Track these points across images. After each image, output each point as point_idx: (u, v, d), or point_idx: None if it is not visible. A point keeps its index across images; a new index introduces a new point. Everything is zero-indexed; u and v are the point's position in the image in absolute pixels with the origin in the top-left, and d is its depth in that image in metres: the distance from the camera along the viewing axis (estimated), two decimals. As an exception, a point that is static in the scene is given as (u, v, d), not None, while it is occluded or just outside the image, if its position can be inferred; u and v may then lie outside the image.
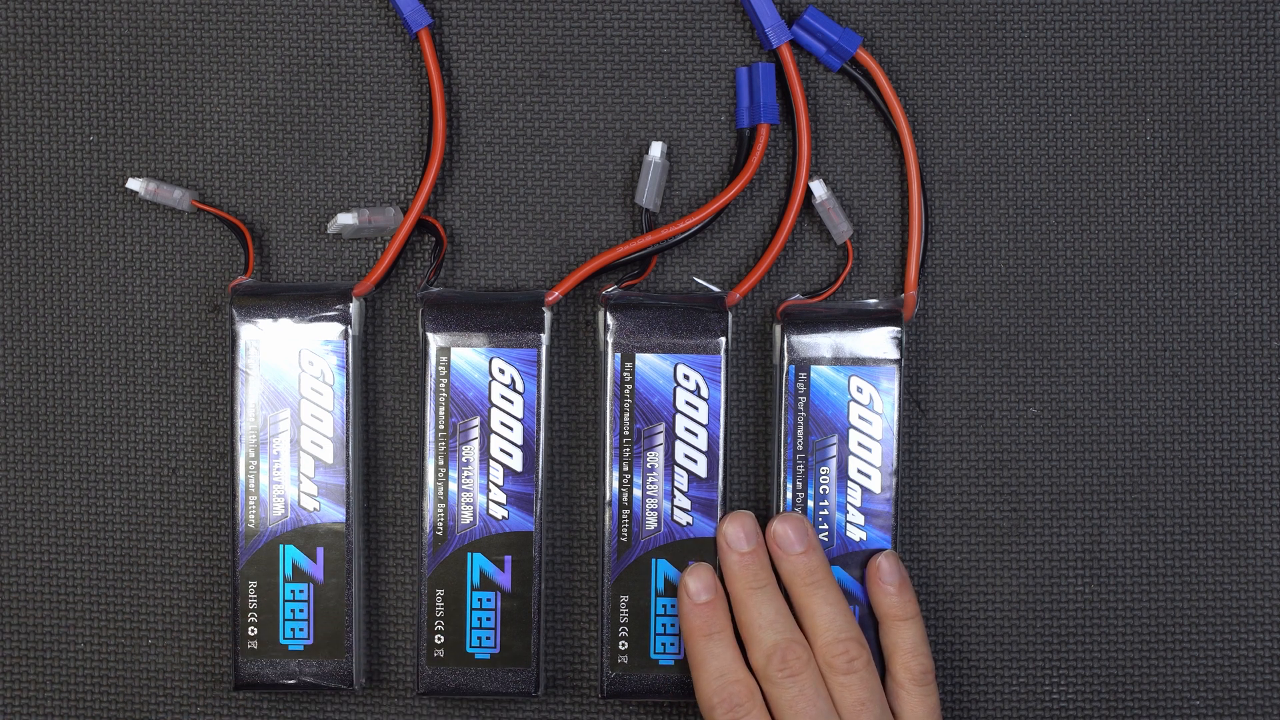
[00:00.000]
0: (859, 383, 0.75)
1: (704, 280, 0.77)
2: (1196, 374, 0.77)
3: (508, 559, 0.75)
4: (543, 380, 0.75)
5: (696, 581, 0.73)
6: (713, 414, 0.74)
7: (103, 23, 0.77)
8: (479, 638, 0.75)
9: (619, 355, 0.74)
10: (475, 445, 0.75)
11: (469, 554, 0.75)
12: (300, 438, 0.74)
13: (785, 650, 0.71)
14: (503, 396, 0.74)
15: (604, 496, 0.74)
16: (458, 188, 0.77)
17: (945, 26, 0.77)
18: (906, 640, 0.73)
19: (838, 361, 0.75)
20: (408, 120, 0.77)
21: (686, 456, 0.74)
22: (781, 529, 0.73)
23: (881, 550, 0.74)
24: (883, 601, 0.74)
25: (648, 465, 0.74)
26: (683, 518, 0.74)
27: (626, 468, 0.74)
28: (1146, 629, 0.77)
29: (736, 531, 0.73)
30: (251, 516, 0.74)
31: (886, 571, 0.74)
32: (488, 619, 0.75)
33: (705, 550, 0.74)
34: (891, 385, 0.75)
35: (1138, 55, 0.77)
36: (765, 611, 0.72)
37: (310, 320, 0.74)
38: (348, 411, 0.75)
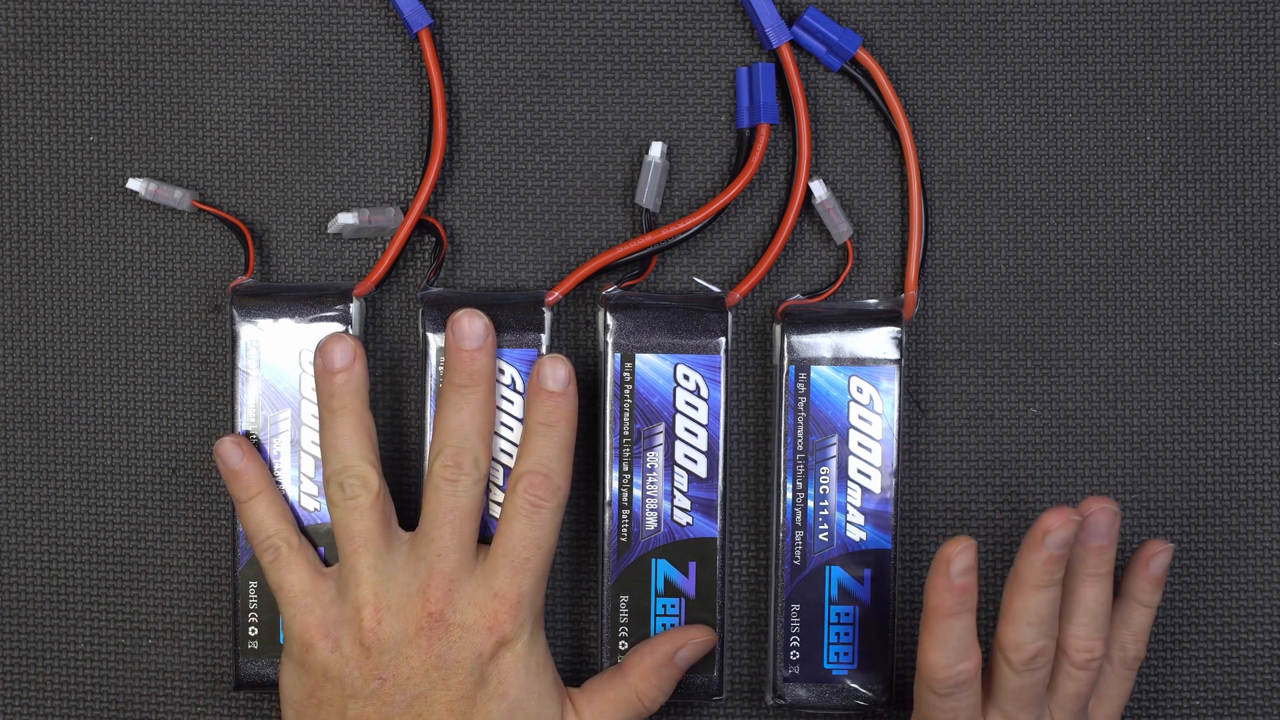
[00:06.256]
0: (859, 383, 0.75)
1: (704, 280, 0.77)
2: (1196, 374, 0.77)
3: (508, 559, 0.75)
4: (543, 380, 0.74)
5: (961, 562, 0.68)
6: (713, 414, 0.74)
7: (103, 23, 0.77)
8: (479, 638, 0.75)
9: (619, 355, 0.74)
10: (475, 445, 0.74)
11: (469, 554, 0.75)
12: (300, 438, 0.74)
13: (1040, 653, 0.70)
14: (502, 397, 0.74)
15: (604, 496, 0.74)
16: (458, 188, 0.77)
17: (945, 26, 0.77)
18: (1137, 623, 0.73)
19: (838, 362, 0.75)
20: (408, 120, 0.77)
21: (686, 456, 0.74)
22: (1094, 521, 0.70)
23: (1155, 539, 0.74)
24: (1136, 585, 0.73)
25: (648, 465, 0.74)
26: (683, 518, 0.74)
27: (626, 468, 0.74)
28: (1146, 629, 0.77)
29: (1060, 535, 0.68)
30: (251, 516, 0.74)
31: (1156, 565, 0.73)
32: (488, 619, 0.75)
33: (705, 550, 0.74)
34: (891, 385, 0.75)
35: (1138, 55, 0.77)
36: (1042, 612, 0.70)
37: (310, 320, 0.74)
38: (348, 411, 0.75)
